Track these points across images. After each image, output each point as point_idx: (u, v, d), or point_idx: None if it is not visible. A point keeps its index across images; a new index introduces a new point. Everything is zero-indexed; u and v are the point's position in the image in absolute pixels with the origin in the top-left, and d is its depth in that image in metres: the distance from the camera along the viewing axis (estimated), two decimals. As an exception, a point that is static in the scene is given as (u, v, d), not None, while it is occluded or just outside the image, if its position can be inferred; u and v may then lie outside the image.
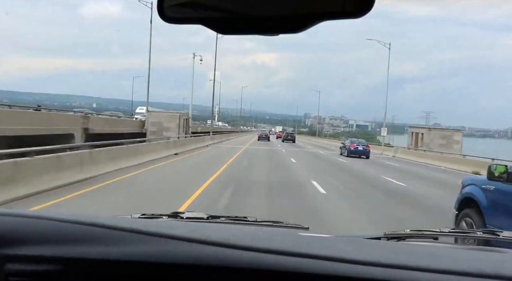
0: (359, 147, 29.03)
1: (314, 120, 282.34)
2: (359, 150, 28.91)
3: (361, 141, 31.85)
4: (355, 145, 29.32)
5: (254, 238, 1.00)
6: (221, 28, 0.89)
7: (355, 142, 30.12)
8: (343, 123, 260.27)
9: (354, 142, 30.08)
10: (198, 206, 7.53)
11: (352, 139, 32.06)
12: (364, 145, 29.81)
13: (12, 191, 7.46)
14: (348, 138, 34.78)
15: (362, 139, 36.33)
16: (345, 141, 32.07)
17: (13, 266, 0.88)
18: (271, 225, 1.75)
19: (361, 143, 29.98)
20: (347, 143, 30.61)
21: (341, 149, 31.53)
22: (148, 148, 17.02)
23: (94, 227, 0.94)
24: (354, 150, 28.79)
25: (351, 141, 30.90)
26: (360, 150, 28.95)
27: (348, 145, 29.72)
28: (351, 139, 31.99)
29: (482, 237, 1.79)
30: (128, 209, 5.44)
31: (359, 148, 28.99)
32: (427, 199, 11.40)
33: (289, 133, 61.21)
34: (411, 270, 0.83)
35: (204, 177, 11.85)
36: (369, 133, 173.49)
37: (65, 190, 8.84)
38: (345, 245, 1.06)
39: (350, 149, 28.95)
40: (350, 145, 29.47)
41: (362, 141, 31.63)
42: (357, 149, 28.91)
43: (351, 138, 35.63)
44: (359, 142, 30.34)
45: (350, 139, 32.48)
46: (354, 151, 28.78)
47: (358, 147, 29.03)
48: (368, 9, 0.81)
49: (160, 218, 1.68)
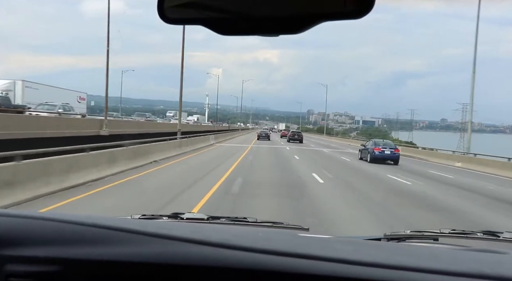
0: (385, 151, 23.38)
1: (318, 116, 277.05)
2: (386, 154, 23.33)
3: (388, 142, 25.62)
4: (380, 148, 23.53)
5: (254, 239, 1.02)
6: (222, 29, 0.90)
7: (380, 144, 24.15)
8: (348, 119, 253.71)
9: (378, 144, 24.09)
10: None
11: (375, 140, 25.75)
12: (392, 147, 23.91)
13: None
14: (371, 139, 27.98)
15: (379, 139, 29.27)
16: (367, 143, 25.95)
17: (13, 267, 0.89)
18: (271, 225, 1.77)
19: (387, 145, 24.15)
20: (370, 145, 24.70)
21: (360, 153, 25.99)
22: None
23: (94, 228, 0.94)
24: (379, 155, 23.24)
25: (375, 143, 24.65)
26: (388, 154, 23.36)
27: (372, 148, 23.85)
28: (374, 140, 25.66)
29: (482, 238, 1.84)
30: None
31: (386, 152, 23.38)
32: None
33: (296, 132, 53.40)
34: (411, 271, 0.84)
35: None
36: (380, 130, 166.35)
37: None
38: (344, 246, 1.08)
39: (375, 154, 23.35)
40: (375, 148, 23.61)
41: (389, 143, 25.46)
42: (383, 153, 23.31)
43: (371, 138, 30.17)
44: (385, 144, 24.39)
45: (373, 140, 26.06)
46: (380, 156, 23.24)
47: (385, 150, 23.39)
48: (368, 10, 0.82)
49: (160, 218, 1.72)
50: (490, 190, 14.23)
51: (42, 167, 8.65)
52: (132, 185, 10.75)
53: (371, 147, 23.83)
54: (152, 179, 12.14)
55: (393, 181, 14.75)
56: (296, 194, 10.28)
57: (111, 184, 10.45)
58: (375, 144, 24.16)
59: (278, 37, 0.92)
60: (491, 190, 14.11)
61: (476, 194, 12.72)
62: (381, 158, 23.02)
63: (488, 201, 11.49)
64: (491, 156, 24.65)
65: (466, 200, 11.26)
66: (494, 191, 13.85)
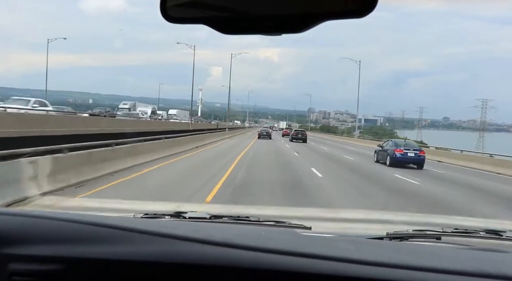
0: (408, 153, 19.94)
1: (318, 115, 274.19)
2: (409, 157, 19.94)
3: (410, 143, 22.27)
4: (403, 149, 20.01)
5: (256, 238, 1.02)
6: (224, 28, 0.90)
7: (402, 145, 20.66)
8: (350, 117, 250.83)
9: (399, 145, 20.59)
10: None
11: (396, 140, 22.37)
12: (416, 149, 20.46)
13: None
14: (389, 139, 24.35)
15: (399, 139, 25.78)
16: (384, 143, 22.34)
17: (17, 265, 0.89)
18: (273, 224, 1.78)
19: (410, 146, 20.74)
20: (389, 146, 21.14)
21: (376, 154, 22.44)
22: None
23: (97, 227, 0.95)
24: (401, 158, 19.78)
25: (395, 143, 21.13)
26: (411, 157, 19.98)
27: (392, 149, 20.28)
28: (394, 140, 22.15)
29: (485, 237, 1.84)
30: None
31: (409, 154, 19.93)
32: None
33: (299, 130, 49.03)
34: (414, 270, 0.84)
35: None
36: (384, 128, 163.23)
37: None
38: (347, 245, 1.08)
39: (396, 156, 19.82)
40: (396, 149, 20.04)
41: (411, 143, 22.06)
42: (406, 155, 19.86)
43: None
44: (407, 145, 21.00)
45: (393, 140, 22.52)
46: (402, 158, 19.79)
47: (408, 152, 19.94)
48: (371, 8, 0.82)
49: (163, 218, 1.72)
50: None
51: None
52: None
53: (391, 148, 20.29)
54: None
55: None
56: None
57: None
58: (395, 144, 20.65)
59: (280, 35, 0.92)
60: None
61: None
62: (404, 161, 19.69)
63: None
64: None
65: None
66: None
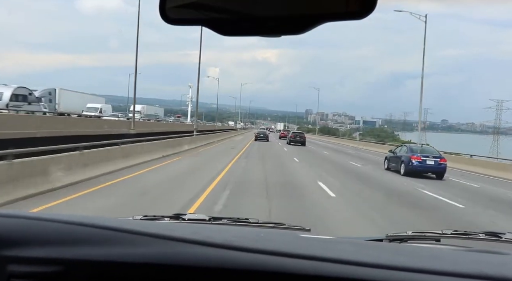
0: (427, 160, 17.26)
1: (316, 116, 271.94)
2: (429, 165, 17.27)
3: (428, 149, 19.19)
4: (420, 156, 17.34)
5: (255, 240, 1.02)
6: (223, 29, 0.90)
7: (418, 151, 17.91)
8: (348, 119, 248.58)
9: (416, 151, 17.91)
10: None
11: (411, 146, 19.76)
12: (436, 156, 17.66)
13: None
14: (403, 144, 21.94)
15: (414, 144, 22.34)
16: (398, 149, 19.69)
17: (15, 267, 0.89)
18: (272, 226, 1.77)
19: (429, 153, 17.92)
20: (403, 152, 18.62)
21: (387, 161, 19.77)
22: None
23: (95, 228, 0.95)
24: (419, 166, 17.19)
25: (411, 149, 18.54)
26: (430, 165, 17.28)
27: (407, 155, 17.71)
28: (409, 146, 19.61)
29: (484, 238, 1.83)
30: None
31: (428, 162, 17.25)
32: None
33: (297, 133, 45.68)
34: (413, 272, 0.84)
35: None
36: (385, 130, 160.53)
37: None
38: (346, 247, 1.08)
39: (413, 164, 17.22)
40: (413, 156, 17.41)
41: (430, 150, 19.08)
42: (425, 163, 17.20)
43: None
44: (424, 151, 18.13)
45: (407, 145, 19.96)
46: (420, 167, 17.21)
47: (427, 160, 17.25)
48: (371, 10, 0.81)
49: (162, 219, 1.71)
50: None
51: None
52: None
53: (406, 155, 17.82)
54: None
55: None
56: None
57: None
58: (411, 150, 18.15)
59: (279, 37, 0.91)
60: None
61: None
62: (422, 170, 17.22)
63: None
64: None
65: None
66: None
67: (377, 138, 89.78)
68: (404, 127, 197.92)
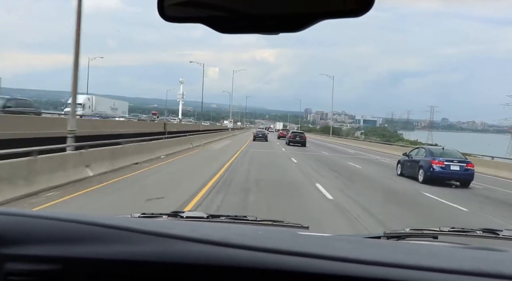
0: (451, 165, 14.67)
1: (316, 115, 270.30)
2: (454, 171, 14.71)
3: (451, 152, 16.06)
4: (443, 160, 14.75)
5: (254, 237, 1.02)
6: (222, 27, 0.90)
7: (439, 154, 15.25)
8: (348, 118, 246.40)
9: (437, 155, 15.21)
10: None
11: (431, 149, 16.73)
12: (462, 160, 15.08)
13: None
14: (420, 146, 19.34)
15: (435, 146, 19.42)
16: (414, 152, 17.03)
17: (13, 265, 0.89)
18: (271, 224, 1.77)
19: (453, 157, 15.27)
20: (420, 155, 16.01)
21: (401, 166, 17.17)
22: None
23: (94, 226, 0.95)
24: (442, 172, 14.62)
25: (431, 152, 15.72)
26: (456, 171, 14.72)
27: (427, 160, 15.11)
28: (428, 149, 16.66)
29: (482, 235, 1.84)
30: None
31: (453, 168, 14.68)
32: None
33: (297, 133, 42.67)
34: (411, 269, 0.84)
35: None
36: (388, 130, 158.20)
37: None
38: (344, 244, 1.08)
39: (434, 170, 14.62)
40: (434, 161, 14.80)
41: (454, 153, 16.06)
42: (448, 169, 14.63)
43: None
44: (446, 154, 15.38)
45: (426, 148, 17.17)
46: (443, 173, 14.64)
47: (451, 165, 14.67)
48: (368, 7, 0.82)
49: (160, 217, 1.71)
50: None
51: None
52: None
53: (426, 159, 15.23)
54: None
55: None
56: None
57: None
58: (431, 154, 15.44)
59: (275, 35, 0.92)
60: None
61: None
62: (445, 177, 14.70)
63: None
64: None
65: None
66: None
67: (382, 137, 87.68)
68: (405, 126, 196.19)
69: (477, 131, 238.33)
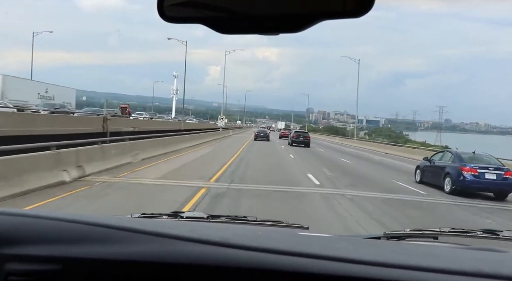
0: (486, 174, 12.57)
1: (318, 115, 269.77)
2: (488, 180, 12.55)
3: (484, 157, 13.81)
4: (475, 168, 12.64)
5: (254, 238, 1.02)
6: (221, 28, 0.90)
7: (469, 160, 13.18)
8: (350, 118, 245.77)
9: (465, 160, 13.15)
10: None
11: (458, 153, 14.29)
12: (498, 168, 12.90)
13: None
14: (444, 150, 17.08)
15: (464, 151, 15.12)
16: (437, 156, 15.18)
17: (13, 265, 0.90)
18: (271, 224, 1.77)
19: (488, 163, 13.16)
20: (447, 160, 14.05)
21: (421, 172, 15.25)
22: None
23: (94, 226, 0.96)
24: (474, 181, 12.52)
25: (460, 157, 13.51)
26: (492, 180, 12.56)
27: (456, 166, 13.09)
28: (456, 153, 14.29)
29: (482, 236, 1.83)
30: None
31: (488, 176, 12.56)
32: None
33: (300, 133, 40.42)
34: (411, 270, 0.85)
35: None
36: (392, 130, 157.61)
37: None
38: (344, 245, 1.08)
39: (465, 178, 12.55)
40: (464, 167, 12.74)
41: (488, 158, 13.86)
42: (483, 177, 12.52)
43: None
44: (479, 160, 13.28)
45: (454, 152, 14.84)
46: (475, 181, 12.53)
47: (485, 173, 12.57)
48: (368, 8, 0.83)
49: (160, 217, 1.71)
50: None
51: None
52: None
53: (454, 165, 13.18)
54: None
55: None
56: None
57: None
58: (460, 159, 13.26)
59: (277, 35, 0.92)
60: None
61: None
62: (479, 187, 12.67)
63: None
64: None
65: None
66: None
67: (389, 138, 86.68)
68: (408, 127, 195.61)
69: (481, 132, 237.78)
